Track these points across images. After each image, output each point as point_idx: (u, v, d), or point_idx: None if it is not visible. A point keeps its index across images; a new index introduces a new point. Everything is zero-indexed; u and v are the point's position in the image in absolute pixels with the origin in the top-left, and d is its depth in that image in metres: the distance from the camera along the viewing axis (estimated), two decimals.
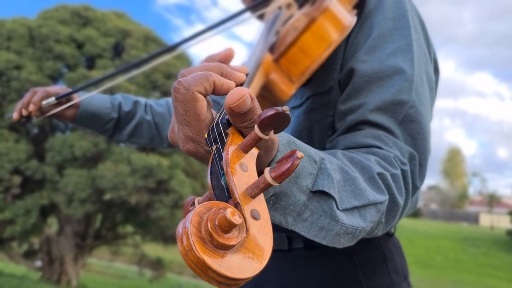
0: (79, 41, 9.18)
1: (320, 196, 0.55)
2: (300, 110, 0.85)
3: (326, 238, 0.57)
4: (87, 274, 12.64)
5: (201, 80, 0.47)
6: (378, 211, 0.61)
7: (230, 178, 0.38)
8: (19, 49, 8.66)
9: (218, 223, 0.31)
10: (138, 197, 8.39)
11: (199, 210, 0.32)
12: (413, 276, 0.93)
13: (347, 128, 0.74)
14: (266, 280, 0.90)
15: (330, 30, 0.70)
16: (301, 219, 0.55)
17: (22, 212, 8.03)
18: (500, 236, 27.68)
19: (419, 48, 0.78)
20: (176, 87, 0.46)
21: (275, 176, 0.35)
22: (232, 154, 0.41)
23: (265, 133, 0.40)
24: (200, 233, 0.31)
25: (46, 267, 9.76)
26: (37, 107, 1.03)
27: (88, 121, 1.13)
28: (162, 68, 9.11)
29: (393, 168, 0.65)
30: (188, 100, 0.46)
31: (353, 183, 0.59)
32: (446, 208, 44.24)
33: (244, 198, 0.37)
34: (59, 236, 9.69)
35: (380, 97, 0.71)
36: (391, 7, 0.79)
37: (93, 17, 9.62)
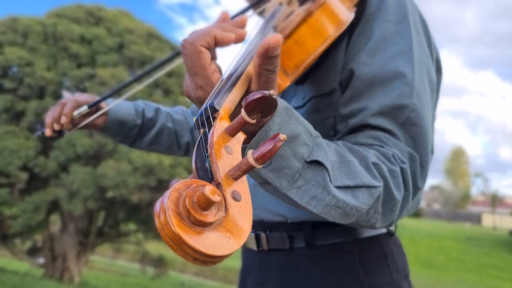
0: (87, 39, 9.21)
1: (314, 167, 0.59)
2: (302, 111, 0.86)
3: (317, 207, 0.60)
4: (89, 271, 12.68)
5: (203, 35, 0.55)
6: (371, 194, 0.63)
7: (214, 159, 0.38)
8: (34, 46, 8.70)
9: (196, 199, 0.31)
10: (140, 196, 8.41)
11: (178, 187, 0.33)
12: (415, 276, 0.94)
13: (348, 131, 0.75)
14: (268, 279, 0.91)
15: (326, 25, 0.70)
16: (295, 185, 0.59)
17: (30, 208, 8.08)
18: (502, 236, 27.62)
19: (420, 50, 0.78)
20: (183, 43, 0.55)
21: (257, 157, 0.35)
22: (218, 137, 0.41)
23: (251, 117, 0.41)
24: (177, 208, 0.31)
25: (49, 264, 9.81)
26: (69, 119, 0.97)
27: (115, 128, 1.10)
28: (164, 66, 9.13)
29: (391, 164, 0.67)
30: (193, 53, 0.54)
31: (348, 165, 0.63)
32: (449, 208, 44.14)
33: (227, 179, 0.37)
34: (62, 233, 9.73)
35: (381, 102, 0.72)
36: (392, 10, 0.79)
37: (104, 17, 9.66)
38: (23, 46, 8.70)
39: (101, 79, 8.44)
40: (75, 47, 8.84)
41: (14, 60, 8.31)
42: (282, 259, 0.89)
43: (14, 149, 8.01)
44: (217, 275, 16.58)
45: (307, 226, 0.86)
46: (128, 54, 9.18)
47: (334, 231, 0.84)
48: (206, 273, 16.94)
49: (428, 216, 42.16)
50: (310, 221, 0.86)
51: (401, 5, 0.80)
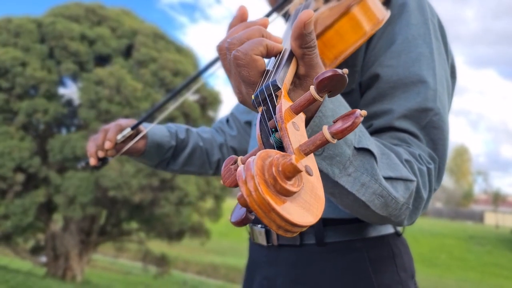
0: (90, 38, 9.18)
1: (363, 154, 0.61)
2: None
3: (366, 195, 0.62)
4: (92, 270, 12.71)
5: (257, 45, 0.54)
6: (407, 188, 0.66)
7: (285, 133, 0.39)
8: (27, 45, 8.67)
9: (282, 168, 0.32)
10: (142, 196, 8.41)
11: (262, 155, 0.33)
12: (418, 274, 0.94)
13: (372, 131, 0.77)
14: (278, 273, 0.92)
15: (365, 20, 0.73)
16: (346, 173, 0.60)
17: (19, 211, 8.06)
18: (505, 234, 27.56)
19: (439, 55, 0.81)
20: (236, 55, 0.53)
21: (335, 131, 0.35)
22: (285, 113, 0.42)
23: (320, 94, 0.41)
24: (264, 176, 0.32)
25: (51, 263, 9.83)
26: (113, 143, 0.97)
27: (154, 151, 1.09)
28: (170, 66, 9.11)
29: (419, 164, 0.70)
30: (249, 62, 0.53)
31: (388, 157, 0.65)
32: (451, 207, 44.08)
33: (299, 153, 0.37)
34: (64, 232, 9.75)
35: (406, 105, 0.75)
36: (414, 14, 0.82)
37: (106, 16, 9.63)
38: (16, 46, 8.66)
39: (98, 77, 8.42)
40: (75, 45, 8.81)
41: (7, 60, 8.28)
42: (292, 254, 0.90)
43: (6, 151, 7.99)
44: (220, 274, 16.59)
45: (318, 223, 0.86)
46: (138, 57, 9.16)
47: (344, 229, 0.86)
48: (209, 271, 16.95)
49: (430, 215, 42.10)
50: (321, 218, 0.85)
51: (422, 10, 0.83)
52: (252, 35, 0.57)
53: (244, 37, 0.57)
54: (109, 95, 8.30)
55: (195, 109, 9.10)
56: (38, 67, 8.56)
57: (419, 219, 0.75)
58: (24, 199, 8.19)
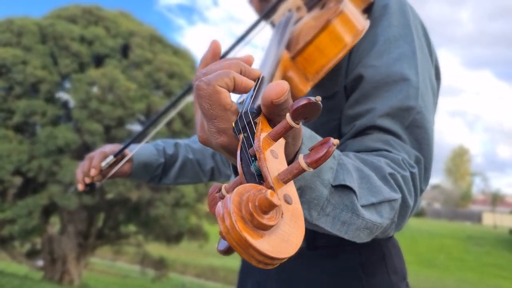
0: (87, 39, 9.18)
1: (341, 190, 0.57)
2: None
3: (348, 233, 0.59)
4: (89, 273, 12.66)
5: (222, 76, 0.49)
6: (392, 208, 0.64)
7: (263, 163, 0.39)
8: (29, 45, 8.66)
9: (258, 203, 0.32)
10: (139, 194, 8.37)
11: (239, 191, 0.33)
12: (416, 275, 0.93)
13: (355, 132, 0.76)
14: (268, 278, 0.93)
15: (345, 33, 0.74)
16: (324, 213, 0.57)
17: (24, 213, 8.02)
18: (503, 235, 27.65)
19: (422, 55, 0.82)
20: (198, 84, 0.48)
21: (311, 162, 0.36)
22: (263, 142, 0.42)
23: (296, 122, 0.41)
24: (241, 212, 0.32)
25: (48, 266, 9.78)
26: (98, 171, 1.03)
27: (141, 171, 1.15)
28: (166, 68, 9.10)
29: (403, 170, 0.68)
30: (211, 94, 0.48)
31: (368, 180, 0.62)
32: (449, 207, 44.17)
33: (277, 183, 0.38)
34: (61, 235, 9.70)
35: (388, 103, 0.74)
36: (395, 16, 0.82)
37: (103, 17, 9.63)
38: (18, 45, 8.65)
39: (91, 79, 8.40)
40: (76, 46, 8.80)
41: (8, 58, 8.26)
42: None
43: (4, 154, 7.94)
44: (218, 277, 16.57)
45: None
46: (134, 58, 9.15)
47: None
48: (207, 274, 16.95)
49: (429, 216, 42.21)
50: None
51: (403, 12, 0.84)
52: (228, 67, 0.53)
53: (218, 69, 0.53)
54: (101, 95, 8.29)
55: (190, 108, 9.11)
56: (39, 66, 8.54)
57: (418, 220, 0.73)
58: (27, 202, 8.14)
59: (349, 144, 0.76)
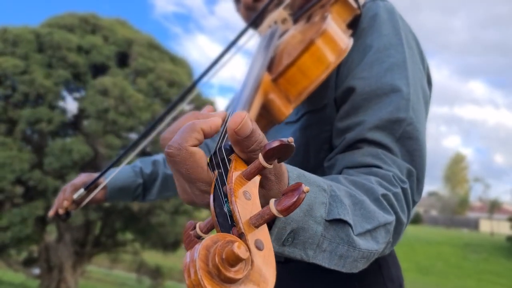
0: (85, 48, 9.18)
1: (336, 224, 0.55)
2: (296, 126, 0.86)
3: (346, 266, 0.57)
4: (86, 281, 12.57)
5: (189, 133, 0.45)
6: (387, 231, 0.63)
7: (235, 207, 0.38)
8: (26, 54, 8.63)
9: (225, 257, 0.31)
10: (140, 204, 8.36)
11: (206, 244, 0.32)
12: (414, 282, 0.94)
13: (346, 146, 0.74)
14: None
15: (328, 53, 0.72)
16: (320, 250, 0.54)
17: (18, 220, 7.97)
18: (500, 242, 27.60)
19: (413, 64, 0.80)
20: (169, 151, 0.45)
21: (281, 209, 0.35)
22: (236, 182, 0.41)
23: (269, 162, 0.41)
24: (207, 267, 0.31)
25: (44, 274, 9.71)
26: (70, 202, 1.09)
27: (118, 195, 1.18)
28: (166, 76, 9.11)
29: (394, 187, 0.67)
30: (185, 158, 0.44)
31: (362, 206, 0.60)
32: (447, 215, 44.14)
33: (248, 227, 0.37)
34: (58, 243, 9.64)
35: (378, 115, 0.72)
36: (385, 25, 0.81)
37: (100, 26, 9.63)
38: (14, 54, 8.61)
39: (103, 86, 8.40)
40: (73, 57, 8.80)
41: (9, 68, 8.24)
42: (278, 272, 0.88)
43: (7, 162, 7.88)
44: None
45: None
46: (136, 66, 9.15)
47: None
48: None
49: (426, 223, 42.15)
50: None
51: (393, 21, 0.82)
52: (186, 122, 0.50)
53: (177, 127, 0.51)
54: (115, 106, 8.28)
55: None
56: (41, 74, 8.51)
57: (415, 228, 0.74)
58: (22, 210, 8.08)
59: (339, 158, 0.74)
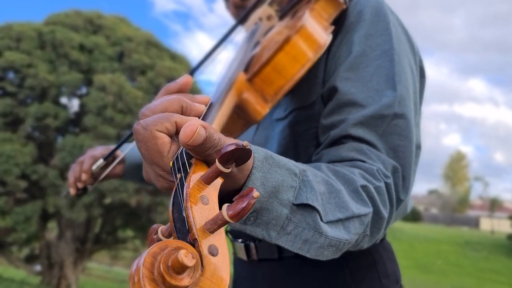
0: (87, 47, 9.18)
1: (303, 208, 0.55)
2: (284, 123, 0.86)
3: (310, 251, 0.57)
4: (86, 278, 12.60)
5: (161, 120, 0.46)
6: (362, 223, 0.62)
7: (189, 212, 0.38)
8: (29, 50, 8.64)
9: (171, 264, 0.30)
10: (139, 199, 8.37)
11: (153, 251, 0.32)
12: (413, 280, 0.94)
13: (330, 142, 0.74)
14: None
15: (304, 50, 0.70)
16: (284, 232, 0.54)
17: (22, 220, 7.99)
18: (500, 240, 27.62)
19: (403, 59, 0.78)
20: (136, 128, 0.46)
21: (232, 215, 0.35)
22: (194, 186, 0.40)
23: (226, 166, 0.40)
24: (152, 274, 0.31)
25: (45, 271, 9.74)
26: (89, 175, 1.02)
27: (134, 172, 1.12)
28: (165, 73, 9.12)
29: (377, 181, 0.66)
30: (147, 139, 0.46)
31: (337, 195, 0.60)
32: (447, 213, 44.14)
33: (203, 233, 0.36)
34: (59, 240, 9.67)
35: (362, 113, 0.72)
36: (372, 21, 0.78)
37: (104, 25, 9.63)
38: (17, 50, 8.63)
39: (101, 84, 8.41)
40: (75, 54, 8.81)
41: (16, 61, 8.24)
42: (271, 269, 0.89)
43: (11, 155, 7.89)
44: None
45: None
46: (129, 63, 9.16)
47: None
48: None
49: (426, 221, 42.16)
50: None
51: (381, 15, 0.79)
52: (168, 106, 0.51)
53: (158, 108, 0.51)
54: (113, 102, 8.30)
55: None
56: (44, 69, 8.51)
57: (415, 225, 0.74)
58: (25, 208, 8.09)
59: (324, 154, 0.74)
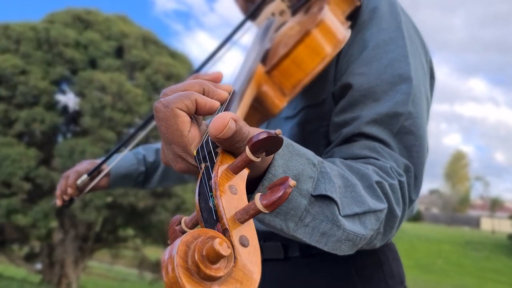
0: (82, 44, 9.18)
1: (322, 200, 0.54)
2: (294, 121, 0.85)
3: (328, 244, 0.56)
4: (87, 277, 12.62)
5: (182, 97, 0.46)
6: (377, 219, 0.61)
7: (219, 202, 0.37)
8: (28, 52, 8.65)
9: (205, 253, 0.29)
10: (145, 202, 8.42)
11: (186, 239, 0.31)
12: (414, 280, 0.93)
13: (342, 140, 0.74)
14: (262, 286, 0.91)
15: (324, 44, 0.70)
16: (302, 224, 0.54)
17: (41, 216, 8.03)
18: (501, 240, 27.62)
19: (415, 58, 0.78)
20: (156, 105, 0.46)
21: (266, 204, 0.34)
22: (222, 176, 0.40)
23: (256, 155, 0.39)
24: (186, 264, 0.30)
25: (46, 270, 9.75)
26: (74, 189, 1.07)
27: (121, 182, 1.17)
28: (163, 70, 9.11)
29: (390, 178, 0.65)
30: (168, 117, 0.46)
31: (353, 189, 0.59)
32: (448, 212, 44.12)
33: (233, 223, 0.35)
34: (60, 239, 9.68)
35: (376, 110, 0.71)
36: (385, 19, 0.78)
37: (98, 21, 9.61)
38: (16, 52, 8.63)
39: (100, 84, 8.40)
40: (70, 52, 8.80)
41: (8, 68, 8.24)
42: (277, 269, 0.89)
43: (17, 159, 7.92)
44: None
45: None
46: (129, 59, 9.15)
47: None
48: None
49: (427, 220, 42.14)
50: None
51: (394, 14, 0.79)
52: (189, 87, 0.51)
53: (179, 88, 0.50)
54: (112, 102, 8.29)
55: None
56: (39, 76, 8.51)
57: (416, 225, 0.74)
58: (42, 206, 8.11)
59: (336, 151, 0.73)
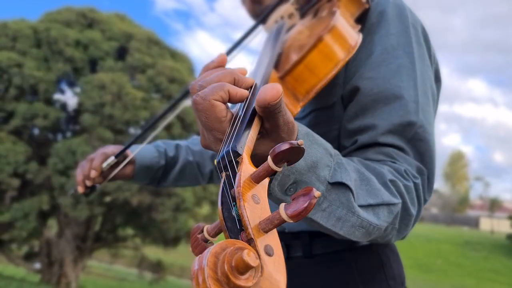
0: (83, 43, 9.17)
1: (338, 188, 0.59)
2: (303, 123, 0.85)
3: (343, 229, 0.61)
4: (86, 276, 12.62)
5: (217, 90, 0.51)
6: (390, 212, 0.65)
7: (244, 212, 0.37)
8: (24, 49, 8.63)
9: (234, 264, 0.30)
10: (140, 198, 8.37)
11: (215, 250, 0.31)
12: (414, 280, 0.94)
13: (357, 147, 0.76)
14: None
15: (336, 49, 0.70)
16: (319, 208, 0.58)
17: (20, 216, 7.99)
18: (500, 240, 27.63)
19: (423, 62, 0.79)
20: (195, 99, 0.51)
21: (292, 215, 0.34)
22: (244, 185, 0.40)
23: (278, 165, 0.40)
24: (216, 275, 0.30)
25: (45, 269, 9.74)
26: (99, 172, 0.99)
27: (143, 174, 1.11)
28: (166, 72, 9.10)
29: (405, 180, 0.69)
30: (207, 108, 0.51)
31: (368, 183, 0.63)
32: (447, 212, 44.14)
33: (258, 233, 0.36)
34: (59, 238, 9.67)
35: (390, 120, 0.73)
36: (393, 22, 0.79)
37: (98, 20, 9.60)
38: (13, 49, 8.62)
39: (101, 82, 8.39)
40: (70, 51, 8.79)
41: (3, 61, 8.23)
42: None
43: (3, 154, 7.88)
44: None
45: (304, 236, 0.86)
46: (131, 61, 9.13)
47: (331, 240, 0.83)
48: None
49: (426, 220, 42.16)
50: (307, 231, 0.86)
51: (402, 17, 0.80)
52: (222, 78, 0.55)
53: (214, 80, 0.55)
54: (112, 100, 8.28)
55: (190, 113, 9.10)
56: (34, 68, 8.49)
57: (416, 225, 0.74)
58: (23, 204, 8.10)
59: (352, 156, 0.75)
